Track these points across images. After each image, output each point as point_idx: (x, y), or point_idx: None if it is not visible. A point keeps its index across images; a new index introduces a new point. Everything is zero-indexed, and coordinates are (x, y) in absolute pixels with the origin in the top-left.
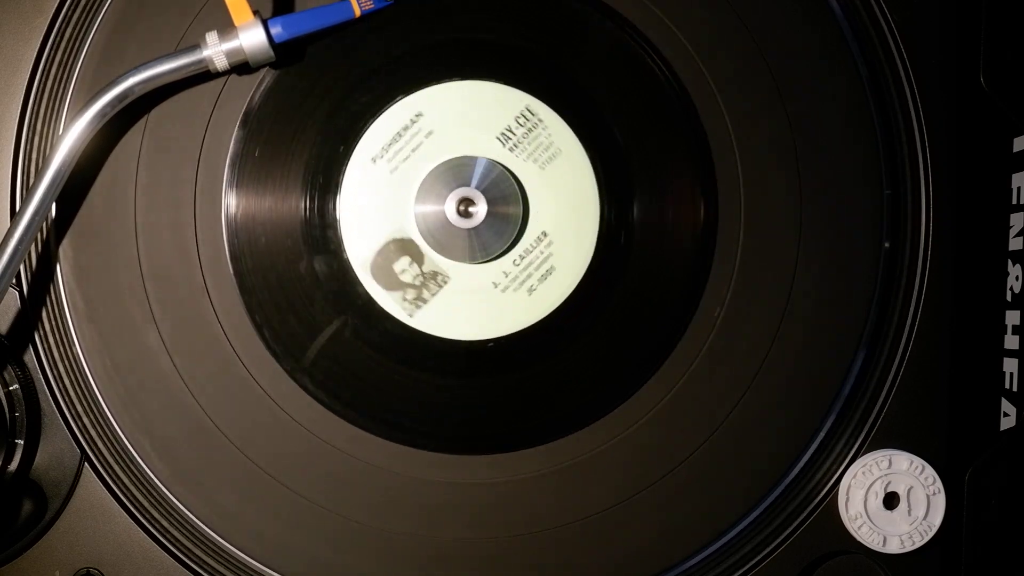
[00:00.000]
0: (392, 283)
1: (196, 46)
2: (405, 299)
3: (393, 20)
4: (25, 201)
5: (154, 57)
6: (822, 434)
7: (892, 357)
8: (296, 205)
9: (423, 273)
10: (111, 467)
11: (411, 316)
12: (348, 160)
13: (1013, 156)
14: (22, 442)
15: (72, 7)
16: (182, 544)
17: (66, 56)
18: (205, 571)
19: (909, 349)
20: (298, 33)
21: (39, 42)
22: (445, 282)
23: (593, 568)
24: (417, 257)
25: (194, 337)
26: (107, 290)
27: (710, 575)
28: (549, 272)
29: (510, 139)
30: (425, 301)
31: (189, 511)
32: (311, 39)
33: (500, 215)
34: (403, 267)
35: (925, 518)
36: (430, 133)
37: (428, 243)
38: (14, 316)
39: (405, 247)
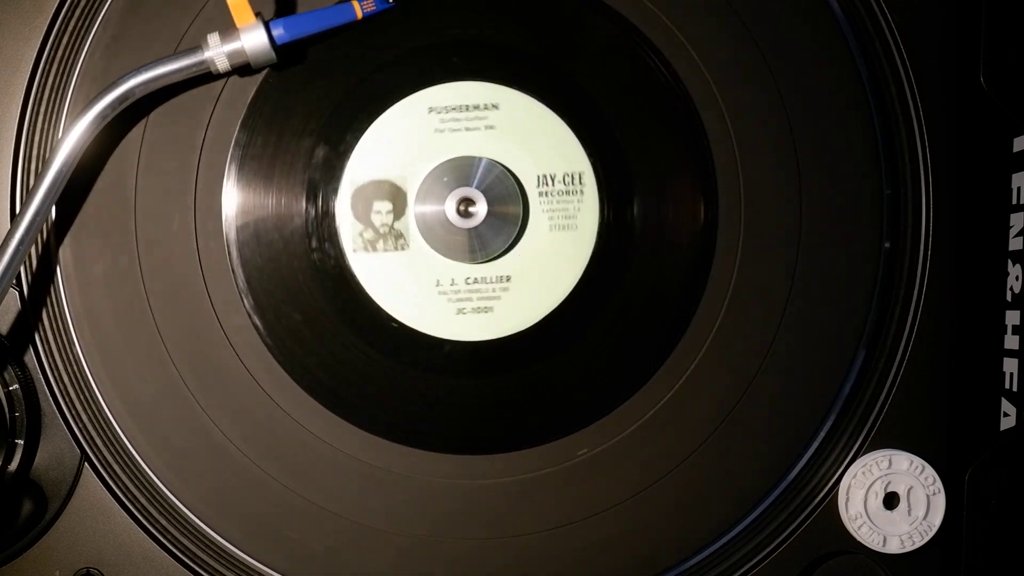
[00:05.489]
0: (362, 215)
1: (197, 47)
2: (362, 235)
3: (394, 21)
4: (25, 202)
5: (155, 58)
6: (822, 434)
7: (892, 357)
8: (297, 206)
9: (391, 227)
10: (111, 467)
11: (355, 252)
12: (348, 161)
13: (1013, 156)
14: (22, 442)
15: (72, 7)
16: (182, 544)
17: (66, 56)
18: (205, 571)
19: (909, 349)
20: (300, 35)
21: (39, 42)
22: (404, 247)
23: (593, 568)
24: (397, 211)
25: (194, 337)
26: (107, 290)
27: (710, 575)
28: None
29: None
30: (376, 250)
31: (189, 511)
32: (313, 40)
33: (500, 215)
34: (379, 209)
35: (925, 518)
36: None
37: (428, 243)
38: (14, 316)
39: (396, 195)
